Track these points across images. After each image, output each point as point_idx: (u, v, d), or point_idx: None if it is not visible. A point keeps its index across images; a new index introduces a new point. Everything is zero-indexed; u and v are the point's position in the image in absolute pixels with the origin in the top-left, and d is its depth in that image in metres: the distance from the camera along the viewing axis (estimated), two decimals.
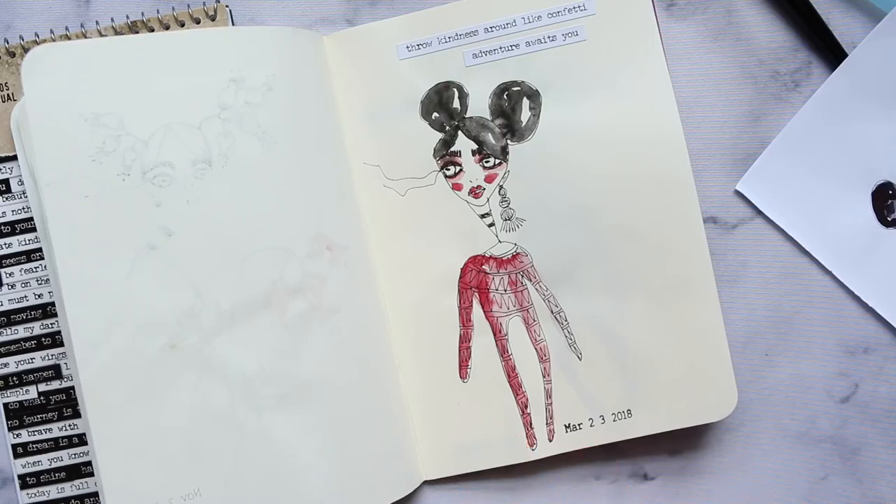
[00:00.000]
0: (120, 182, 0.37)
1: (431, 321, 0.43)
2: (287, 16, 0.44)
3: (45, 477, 0.42)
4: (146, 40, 0.39)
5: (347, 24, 0.44)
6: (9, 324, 0.42)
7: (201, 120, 0.39)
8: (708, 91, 0.43)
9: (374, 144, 0.43)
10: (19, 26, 0.44)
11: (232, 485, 0.38)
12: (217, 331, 0.38)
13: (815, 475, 0.43)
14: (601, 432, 0.42)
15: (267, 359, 0.38)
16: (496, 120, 0.42)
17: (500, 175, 0.42)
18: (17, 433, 0.42)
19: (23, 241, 0.42)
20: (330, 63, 0.42)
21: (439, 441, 0.43)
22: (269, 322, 0.39)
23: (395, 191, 0.43)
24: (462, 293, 0.43)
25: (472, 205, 0.42)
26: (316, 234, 0.40)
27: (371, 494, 0.40)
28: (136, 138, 0.38)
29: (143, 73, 0.38)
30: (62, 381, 0.42)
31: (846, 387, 0.43)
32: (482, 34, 0.42)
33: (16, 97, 0.42)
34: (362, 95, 0.42)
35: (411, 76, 0.42)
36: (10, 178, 0.42)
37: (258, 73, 0.39)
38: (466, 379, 0.43)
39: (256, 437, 0.38)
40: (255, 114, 0.39)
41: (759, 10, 0.43)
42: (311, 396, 0.39)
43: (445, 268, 0.43)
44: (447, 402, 0.43)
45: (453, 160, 0.42)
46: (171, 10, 0.43)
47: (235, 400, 0.38)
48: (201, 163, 0.38)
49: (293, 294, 0.39)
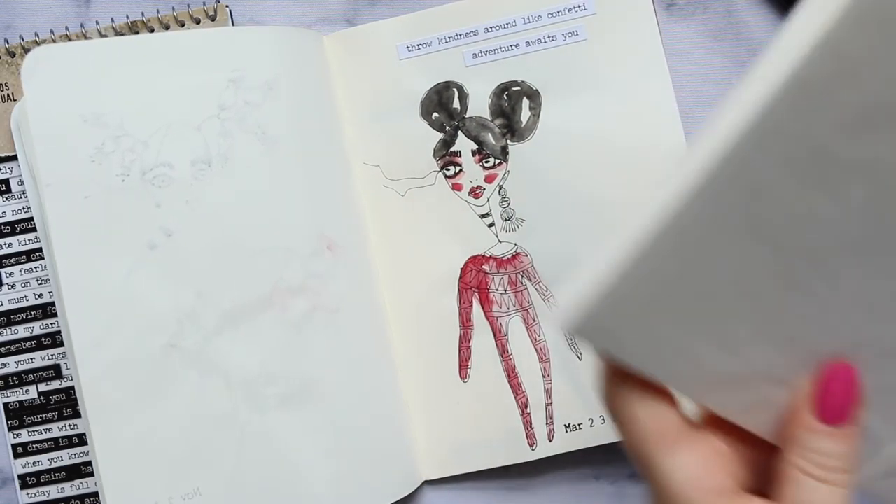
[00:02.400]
0: (120, 182, 0.37)
1: (431, 321, 0.43)
2: (287, 16, 0.44)
3: (45, 477, 0.42)
4: (146, 41, 0.39)
5: (347, 24, 0.44)
6: (9, 324, 0.42)
7: (201, 120, 0.38)
8: (708, 91, 0.43)
9: (374, 144, 0.43)
10: (19, 26, 0.44)
11: (232, 485, 0.38)
12: (218, 330, 0.38)
13: None
14: (601, 432, 0.42)
15: (269, 358, 0.38)
16: (496, 120, 0.42)
17: (500, 175, 0.42)
18: (17, 433, 0.42)
19: (23, 241, 0.42)
20: (330, 63, 0.42)
21: (439, 441, 0.43)
22: (271, 322, 0.39)
23: (395, 191, 0.43)
24: (462, 293, 0.43)
25: (472, 205, 0.42)
26: (317, 233, 0.40)
27: (371, 494, 0.40)
28: (135, 139, 0.38)
29: (142, 73, 0.38)
30: (62, 381, 0.42)
31: None
32: (482, 34, 0.42)
33: (16, 97, 0.42)
34: (362, 95, 0.42)
35: (411, 76, 0.42)
36: (10, 178, 0.42)
37: (258, 73, 0.39)
38: (466, 379, 0.43)
39: (257, 437, 0.38)
40: (255, 114, 0.39)
41: (759, 10, 0.43)
42: (312, 396, 0.39)
43: (445, 268, 0.43)
44: (447, 402, 0.43)
45: (453, 160, 0.42)
46: (171, 10, 0.43)
47: (237, 400, 0.38)
48: (201, 163, 0.38)
49: (295, 294, 0.39)
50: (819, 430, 0.25)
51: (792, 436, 0.26)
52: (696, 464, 0.26)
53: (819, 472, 0.25)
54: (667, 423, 0.26)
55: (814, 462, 0.25)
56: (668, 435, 0.26)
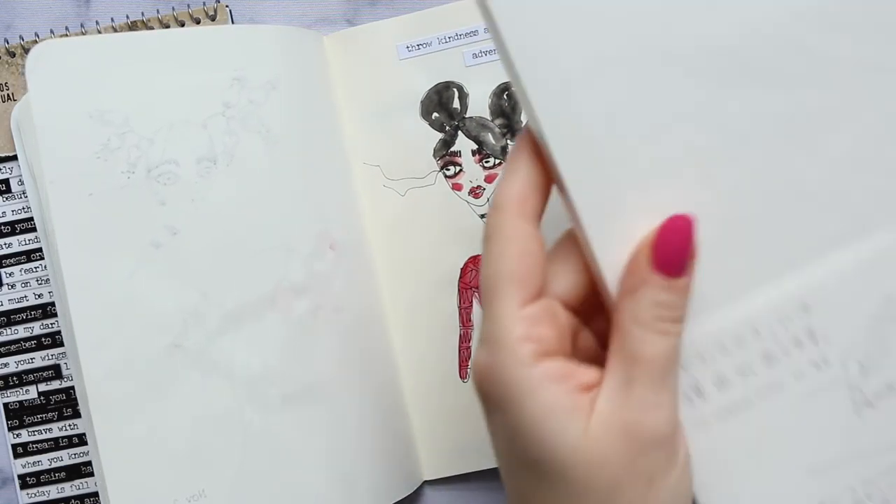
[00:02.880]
0: (125, 180, 0.37)
1: (431, 321, 0.43)
2: (287, 16, 0.44)
3: (45, 477, 0.42)
4: (151, 37, 0.39)
5: (347, 24, 0.44)
6: (9, 324, 0.42)
7: (206, 118, 0.38)
8: None
9: (374, 144, 0.43)
10: (19, 26, 0.44)
11: (237, 486, 0.37)
12: (222, 330, 0.38)
13: None
14: None
15: (272, 358, 0.38)
16: (496, 120, 0.42)
17: (500, 175, 0.42)
18: (17, 433, 0.42)
19: (23, 241, 0.42)
20: (330, 63, 0.43)
21: (439, 441, 0.43)
22: (275, 321, 0.39)
23: (395, 191, 0.43)
24: (462, 293, 0.43)
25: (473, 205, 0.42)
26: (319, 232, 0.40)
27: (372, 495, 0.40)
28: (140, 136, 0.37)
29: (147, 70, 0.38)
30: (62, 381, 0.42)
31: None
32: (482, 34, 0.42)
33: (16, 97, 0.42)
34: (362, 95, 0.43)
35: (411, 76, 0.42)
36: (11, 178, 0.42)
37: (261, 72, 0.39)
38: (466, 379, 0.43)
39: (261, 437, 0.38)
40: (258, 112, 0.39)
41: None
42: (315, 396, 0.39)
43: (445, 268, 0.43)
44: (447, 402, 0.43)
45: (453, 160, 0.42)
46: (171, 10, 0.43)
47: (241, 400, 0.38)
48: (206, 161, 0.38)
49: (298, 293, 0.39)
50: (654, 281, 0.26)
51: (628, 287, 0.26)
52: (534, 310, 0.27)
53: (652, 322, 0.26)
54: (531, 269, 0.27)
55: (648, 312, 0.26)
56: (526, 279, 0.27)
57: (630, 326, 0.26)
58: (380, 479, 0.40)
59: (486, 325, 0.27)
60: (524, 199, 0.27)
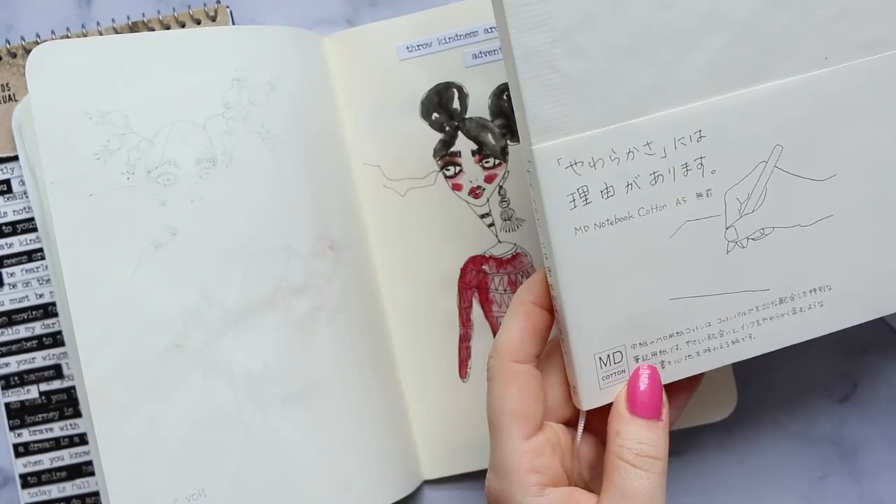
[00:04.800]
0: (125, 180, 0.37)
1: (431, 321, 0.43)
2: (287, 16, 0.44)
3: (46, 476, 0.42)
4: (151, 39, 0.39)
5: (347, 25, 0.44)
6: (10, 323, 0.42)
7: (206, 119, 0.38)
8: None
9: (374, 145, 0.43)
10: (20, 27, 0.44)
11: (236, 486, 0.37)
12: (222, 330, 0.38)
13: (814, 475, 0.43)
14: None
15: (272, 358, 0.38)
16: (496, 120, 0.42)
17: (500, 175, 0.42)
18: (19, 433, 0.42)
19: (24, 241, 0.42)
20: (330, 64, 0.43)
21: (439, 441, 0.43)
22: (275, 321, 0.39)
23: (395, 191, 0.43)
24: (462, 293, 0.43)
25: (472, 205, 0.43)
26: (319, 233, 0.40)
27: (372, 494, 0.40)
28: (141, 136, 0.37)
29: (147, 70, 0.38)
30: (63, 381, 0.42)
31: (845, 387, 0.43)
32: (482, 34, 0.42)
33: (17, 98, 0.42)
34: (362, 96, 0.43)
35: (411, 77, 0.42)
36: (12, 178, 0.43)
37: (261, 73, 0.39)
38: (466, 379, 0.43)
39: (261, 437, 0.38)
40: (258, 113, 0.39)
41: None
42: (315, 396, 0.39)
43: (445, 268, 0.43)
44: (447, 402, 0.43)
45: (453, 160, 0.42)
46: (171, 10, 0.43)
47: (241, 399, 0.38)
48: (206, 161, 0.38)
49: (298, 293, 0.39)
50: (633, 422, 0.31)
51: (611, 429, 0.31)
52: (537, 442, 0.31)
53: (634, 459, 0.30)
54: (530, 406, 0.32)
55: (630, 449, 0.30)
56: (527, 415, 0.31)
57: (618, 463, 0.30)
58: (379, 478, 0.40)
59: (495, 455, 0.32)
60: (521, 346, 0.32)
